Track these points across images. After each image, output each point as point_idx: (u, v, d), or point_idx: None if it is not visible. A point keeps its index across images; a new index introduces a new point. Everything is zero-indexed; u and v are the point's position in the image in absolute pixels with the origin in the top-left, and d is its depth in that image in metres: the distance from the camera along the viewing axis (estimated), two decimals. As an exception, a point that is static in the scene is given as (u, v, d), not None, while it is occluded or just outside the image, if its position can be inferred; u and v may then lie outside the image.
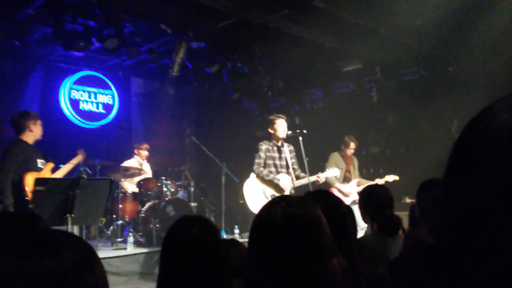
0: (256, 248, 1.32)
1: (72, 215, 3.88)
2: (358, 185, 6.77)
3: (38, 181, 3.91)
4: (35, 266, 0.85)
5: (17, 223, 1.80)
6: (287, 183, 5.68)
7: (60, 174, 4.95)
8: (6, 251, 0.88)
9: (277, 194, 5.63)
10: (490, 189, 0.50)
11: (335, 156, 6.92)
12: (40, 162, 4.69)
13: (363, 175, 7.36)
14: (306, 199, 1.36)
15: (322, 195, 2.24)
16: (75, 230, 5.40)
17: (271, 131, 5.82)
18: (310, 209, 1.31)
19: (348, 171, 6.94)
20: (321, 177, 5.78)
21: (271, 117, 5.96)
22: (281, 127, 5.75)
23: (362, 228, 5.69)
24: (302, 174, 5.80)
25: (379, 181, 6.57)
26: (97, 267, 0.95)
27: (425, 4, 5.67)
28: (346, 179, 6.88)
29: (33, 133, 4.72)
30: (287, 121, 5.91)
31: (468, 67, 7.00)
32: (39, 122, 4.79)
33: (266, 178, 5.59)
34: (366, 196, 3.07)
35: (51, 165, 4.81)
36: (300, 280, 1.22)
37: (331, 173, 6.02)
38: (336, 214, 1.78)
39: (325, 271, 1.23)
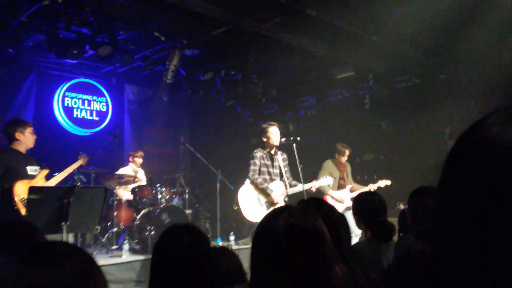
0: (259, 258, 1.33)
1: (67, 223, 3.87)
2: (351, 191, 6.79)
3: (33, 190, 3.88)
4: (37, 277, 0.85)
5: (14, 233, 1.80)
6: (279, 194, 5.67)
7: (57, 179, 4.86)
8: (8, 262, 0.89)
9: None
10: (483, 198, 0.52)
11: (328, 164, 6.92)
12: (31, 169, 4.60)
13: (357, 181, 7.39)
14: (307, 209, 1.38)
15: (315, 203, 2.27)
16: (70, 238, 5.37)
17: (265, 139, 5.80)
18: (311, 219, 1.33)
19: (342, 178, 6.95)
20: (315, 185, 5.79)
21: (264, 125, 5.94)
22: (274, 135, 5.73)
23: (356, 234, 5.72)
24: (294, 182, 5.81)
25: (372, 187, 6.61)
26: (98, 277, 0.96)
27: (417, 12, 5.72)
28: (340, 186, 6.88)
29: (21, 142, 4.59)
30: (280, 128, 5.90)
31: (460, 74, 7.07)
32: (28, 130, 4.66)
33: (260, 186, 5.59)
34: (360, 203, 3.10)
35: (45, 172, 4.72)
36: None
37: (324, 181, 6.02)
38: (328, 221, 1.81)
39: (329, 280, 1.24)
